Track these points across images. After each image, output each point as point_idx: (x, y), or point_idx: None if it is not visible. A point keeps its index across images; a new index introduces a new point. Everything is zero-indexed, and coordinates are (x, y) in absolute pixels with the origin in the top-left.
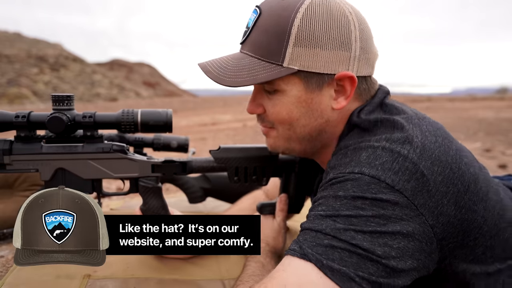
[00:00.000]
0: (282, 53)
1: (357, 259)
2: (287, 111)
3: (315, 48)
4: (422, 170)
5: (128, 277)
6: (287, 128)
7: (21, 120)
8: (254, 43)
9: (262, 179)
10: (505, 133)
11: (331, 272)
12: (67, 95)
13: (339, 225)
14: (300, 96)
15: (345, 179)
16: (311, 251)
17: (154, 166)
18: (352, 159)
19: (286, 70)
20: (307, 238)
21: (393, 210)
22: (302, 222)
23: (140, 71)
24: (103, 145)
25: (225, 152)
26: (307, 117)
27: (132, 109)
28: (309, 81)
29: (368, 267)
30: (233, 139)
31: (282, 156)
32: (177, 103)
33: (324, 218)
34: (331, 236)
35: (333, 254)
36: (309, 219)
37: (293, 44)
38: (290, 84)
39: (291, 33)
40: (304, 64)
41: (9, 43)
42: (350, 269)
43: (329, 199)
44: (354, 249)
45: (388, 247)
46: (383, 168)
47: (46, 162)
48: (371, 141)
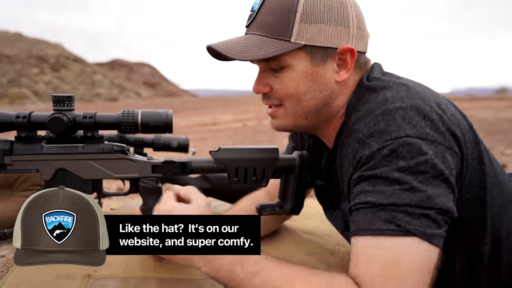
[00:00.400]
0: (290, 29)
1: (442, 218)
2: (294, 85)
3: (319, 24)
4: (446, 121)
5: (128, 276)
6: (295, 103)
7: (22, 121)
8: (261, 23)
9: (262, 181)
10: (504, 133)
11: (434, 239)
12: (67, 96)
13: (420, 194)
14: (306, 71)
15: (397, 145)
16: (411, 226)
17: (154, 167)
18: (388, 124)
19: (294, 45)
20: (398, 215)
21: (442, 160)
22: (364, 197)
23: (141, 71)
24: (103, 145)
25: (225, 153)
26: (313, 90)
27: (132, 110)
28: (315, 55)
29: (446, 222)
30: (233, 139)
31: (282, 157)
32: (177, 103)
33: (403, 191)
34: (418, 206)
35: (428, 221)
36: (384, 195)
37: (299, 20)
38: (296, 59)
39: (297, 10)
40: (310, 39)
41: (9, 43)
42: (441, 230)
43: (395, 172)
44: (439, 211)
45: (453, 201)
46: (420, 126)
47: (47, 163)
48: (396, 101)
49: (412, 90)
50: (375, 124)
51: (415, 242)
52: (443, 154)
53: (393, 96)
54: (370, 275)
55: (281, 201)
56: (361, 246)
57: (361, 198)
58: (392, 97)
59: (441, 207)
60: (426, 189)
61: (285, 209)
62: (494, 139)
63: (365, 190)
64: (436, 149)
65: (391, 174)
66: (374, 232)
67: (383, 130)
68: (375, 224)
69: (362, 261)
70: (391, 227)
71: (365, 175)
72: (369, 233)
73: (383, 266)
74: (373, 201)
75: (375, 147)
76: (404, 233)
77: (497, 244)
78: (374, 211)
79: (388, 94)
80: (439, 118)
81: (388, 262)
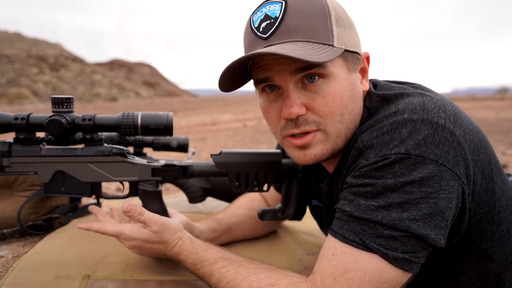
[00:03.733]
0: (330, 33)
1: (415, 243)
2: (340, 96)
3: (347, 28)
4: (458, 139)
5: (128, 278)
6: (338, 120)
7: (20, 122)
8: (294, 28)
9: (264, 185)
10: (505, 133)
11: (396, 261)
12: (66, 97)
13: (394, 215)
14: (347, 79)
15: (392, 161)
16: (375, 244)
17: (154, 170)
18: (392, 137)
19: (338, 50)
20: (366, 230)
21: (440, 185)
22: (343, 205)
23: (140, 71)
24: (102, 148)
25: (226, 157)
26: (352, 102)
27: (132, 112)
28: (349, 61)
29: (423, 248)
30: (233, 139)
31: (285, 162)
32: (177, 103)
33: (378, 209)
34: (388, 227)
35: (395, 243)
36: (360, 208)
37: (335, 25)
38: (337, 66)
39: (331, 14)
40: (347, 44)
41: (9, 43)
42: (411, 255)
43: (379, 187)
44: (411, 235)
45: (439, 228)
46: (426, 142)
47: (45, 165)
48: (406, 112)
49: (427, 101)
50: (378, 135)
51: (374, 259)
52: (442, 176)
53: (405, 107)
54: (323, 274)
55: (284, 206)
56: (327, 245)
57: (342, 204)
58: (403, 108)
59: (413, 232)
60: (403, 211)
61: (287, 215)
62: (494, 139)
63: (347, 198)
64: (434, 171)
65: (373, 189)
66: (341, 238)
67: (384, 143)
68: (344, 231)
69: (322, 260)
70: (356, 239)
71: (352, 182)
72: (337, 236)
73: (336, 271)
74: (349, 212)
75: (371, 159)
76: (366, 249)
77: (502, 264)
78: (348, 220)
79: (400, 105)
80: (451, 135)
81: (341, 269)
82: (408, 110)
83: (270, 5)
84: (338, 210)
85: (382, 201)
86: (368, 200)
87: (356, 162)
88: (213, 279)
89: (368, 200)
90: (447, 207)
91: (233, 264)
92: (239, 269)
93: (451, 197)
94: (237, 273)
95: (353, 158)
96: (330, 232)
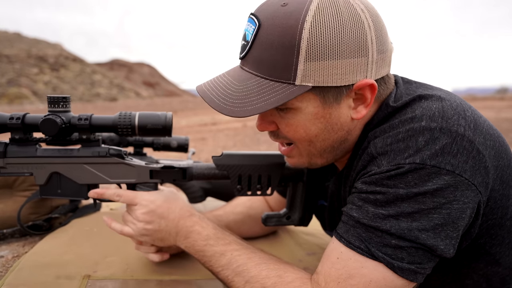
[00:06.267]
0: (293, 71)
1: (422, 254)
2: (304, 128)
3: (329, 60)
4: (477, 147)
5: (128, 278)
6: (307, 145)
7: (16, 122)
8: (258, 60)
9: (267, 189)
10: (505, 133)
11: (401, 271)
12: (62, 97)
13: (403, 225)
14: (317, 113)
15: (406, 170)
16: (380, 253)
17: (152, 172)
18: (408, 145)
19: (299, 88)
20: (373, 238)
21: (454, 195)
22: (351, 209)
23: (140, 71)
24: (99, 149)
25: (227, 159)
26: (326, 132)
27: (130, 112)
28: (326, 95)
29: (430, 259)
30: (233, 139)
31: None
32: (177, 103)
33: (387, 218)
34: (396, 236)
35: (401, 253)
36: (368, 215)
37: (305, 59)
38: (304, 101)
39: (301, 47)
40: (318, 80)
41: (9, 43)
42: (417, 266)
43: (390, 196)
44: (419, 246)
45: (449, 238)
46: (443, 152)
47: (41, 166)
48: (424, 119)
49: (447, 106)
50: (392, 142)
51: (380, 268)
52: (457, 186)
53: (422, 113)
54: (327, 276)
55: (289, 211)
56: (332, 247)
57: (349, 208)
58: (421, 114)
59: (422, 242)
60: (413, 221)
61: (292, 220)
62: None
63: (355, 203)
64: (450, 181)
65: (384, 197)
66: (346, 243)
67: (399, 151)
68: (349, 236)
69: (327, 261)
70: (361, 246)
71: (362, 188)
72: (342, 240)
73: (340, 275)
74: (356, 218)
75: (384, 167)
76: (371, 257)
77: (508, 267)
78: (355, 225)
79: (418, 110)
80: (470, 144)
81: (346, 273)
82: (426, 117)
83: (249, 23)
84: (344, 214)
85: (391, 210)
86: (377, 208)
87: (367, 168)
88: (223, 260)
89: (377, 207)
90: (460, 217)
91: (246, 249)
92: (251, 255)
93: (465, 208)
94: (249, 258)
95: (364, 163)
96: (335, 234)
